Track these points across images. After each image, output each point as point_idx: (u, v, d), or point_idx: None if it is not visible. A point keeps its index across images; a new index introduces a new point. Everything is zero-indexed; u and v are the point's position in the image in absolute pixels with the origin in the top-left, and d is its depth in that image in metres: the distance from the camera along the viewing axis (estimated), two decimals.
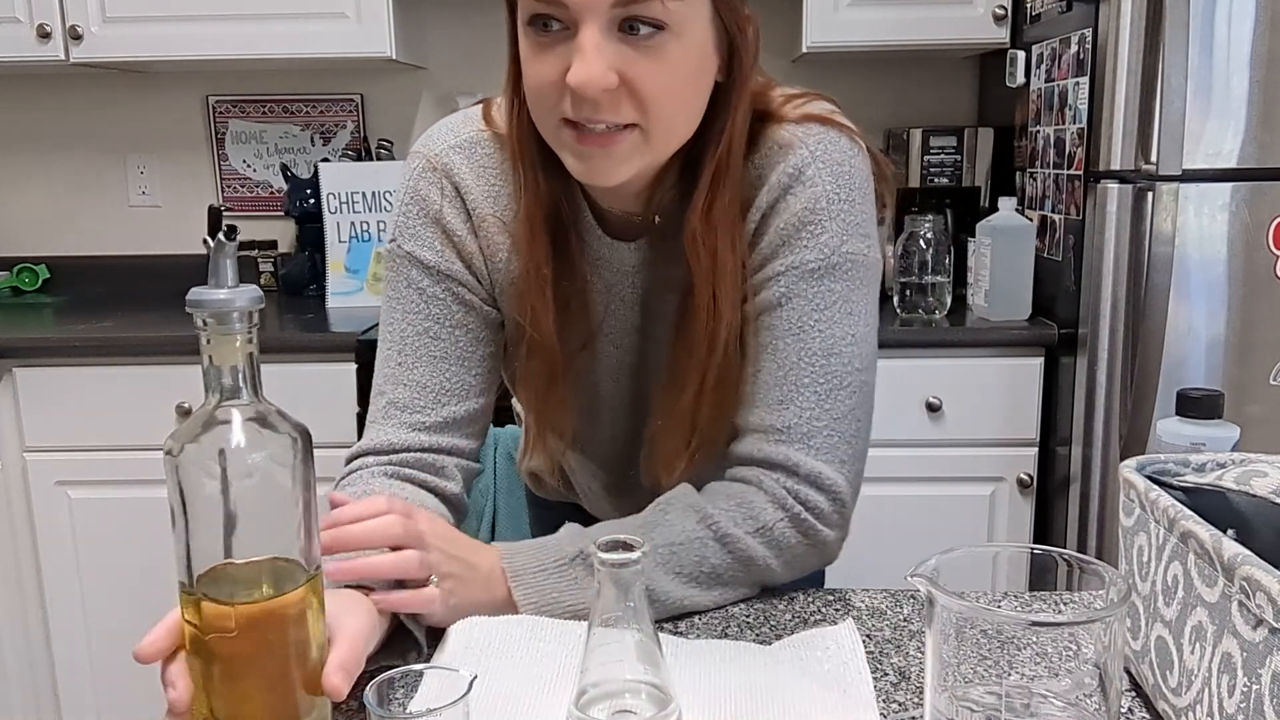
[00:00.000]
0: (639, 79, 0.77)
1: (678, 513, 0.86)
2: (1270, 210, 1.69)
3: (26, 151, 2.58)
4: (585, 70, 0.76)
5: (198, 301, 0.58)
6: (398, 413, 0.92)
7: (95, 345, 1.99)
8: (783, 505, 0.85)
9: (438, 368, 0.92)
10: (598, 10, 0.75)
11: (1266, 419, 1.73)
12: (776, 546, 0.85)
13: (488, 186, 0.92)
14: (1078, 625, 0.53)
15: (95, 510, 2.05)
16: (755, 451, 0.87)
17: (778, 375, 0.87)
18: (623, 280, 0.95)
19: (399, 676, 0.59)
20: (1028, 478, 1.98)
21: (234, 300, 0.58)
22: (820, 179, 0.87)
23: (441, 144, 0.93)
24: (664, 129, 0.82)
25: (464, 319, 0.93)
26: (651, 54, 0.77)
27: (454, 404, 0.93)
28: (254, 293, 0.59)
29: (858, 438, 0.88)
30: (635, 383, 1.00)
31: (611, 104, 0.78)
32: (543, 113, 0.82)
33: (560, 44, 0.78)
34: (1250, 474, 0.64)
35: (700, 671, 0.73)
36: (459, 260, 0.93)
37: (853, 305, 0.88)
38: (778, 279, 0.88)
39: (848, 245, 0.87)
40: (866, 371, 0.89)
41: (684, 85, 0.81)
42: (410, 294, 0.92)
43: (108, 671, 2.11)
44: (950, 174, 2.34)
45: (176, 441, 0.59)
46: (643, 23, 0.76)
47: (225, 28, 2.14)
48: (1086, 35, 1.80)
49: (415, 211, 0.92)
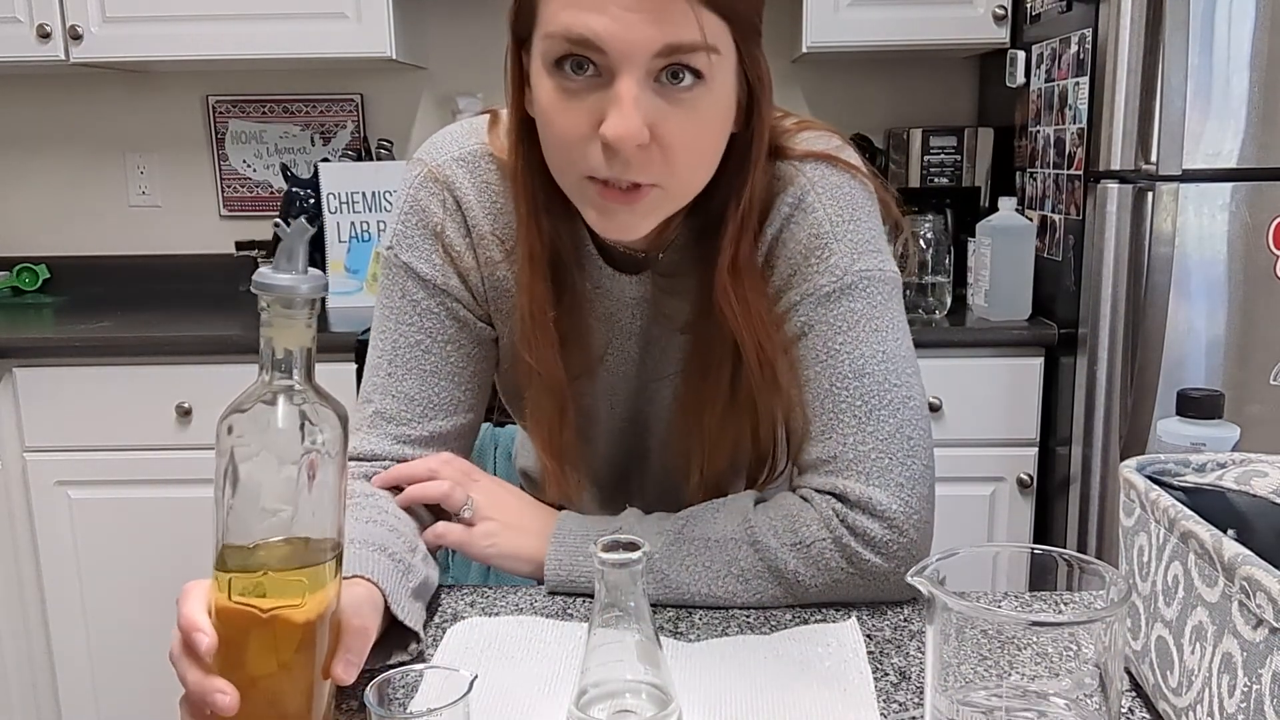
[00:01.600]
0: (670, 135, 0.74)
1: (728, 513, 0.86)
2: (1270, 210, 1.69)
3: (26, 151, 2.58)
4: (624, 124, 0.72)
5: (265, 285, 0.59)
6: (384, 423, 0.91)
7: (95, 345, 1.99)
8: (828, 526, 0.83)
9: (427, 381, 0.91)
10: (640, 59, 0.71)
11: (1266, 419, 1.73)
12: (814, 565, 0.83)
13: (489, 204, 0.91)
14: (1078, 625, 0.53)
15: (95, 510, 2.05)
16: (808, 485, 0.86)
17: (815, 407, 0.86)
18: (623, 311, 0.93)
19: (399, 676, 0.59)
20: (1028, 478, 1.98)
21: (300, 286, 0.59)
22: (820, 204, 0.86)
23: (445, 155, 0.91)
24: (685, 185, 0.80)
25: (456, 335, 0.92)
26: (685, 106, 0.74)
27: (441, 419, 0.92)
28: (320, 279, 0.60)
29: (912, 458, 0.84)
30: (632, 407, 0.99)
31: (641, 161, 0.75)
32: (566, 165, 0.78)
33: (591, 92, 0.73)
34: (1250, 474, 0.64)
35: (700, 671, 0.73)
36: (455, 276, 0.91)
37: (877, 322, 0.86)
38: (795, 309, 0.87)
39: (860, 263, 0.86)
40: (906, 387, 0.85)
41: (710, 140, 0.79)
42: (404, 305, 0.91)
43: (108, 671, 2.11)
44: (950, 174, 2.34)
45: (229, 414, 0.60)
46: (687, 70, 0.73)
47: (225, 28, 2.14)
48: (1086, 35, 1.80)
49: (415, 222, 0.91)
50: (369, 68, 2.47)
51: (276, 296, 0.59)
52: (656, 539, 0.85)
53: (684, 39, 0.72)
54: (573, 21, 0.71)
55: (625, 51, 0.71)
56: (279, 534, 0.60)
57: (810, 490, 0.86)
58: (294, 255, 0.59)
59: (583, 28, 0.71)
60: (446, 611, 0.84)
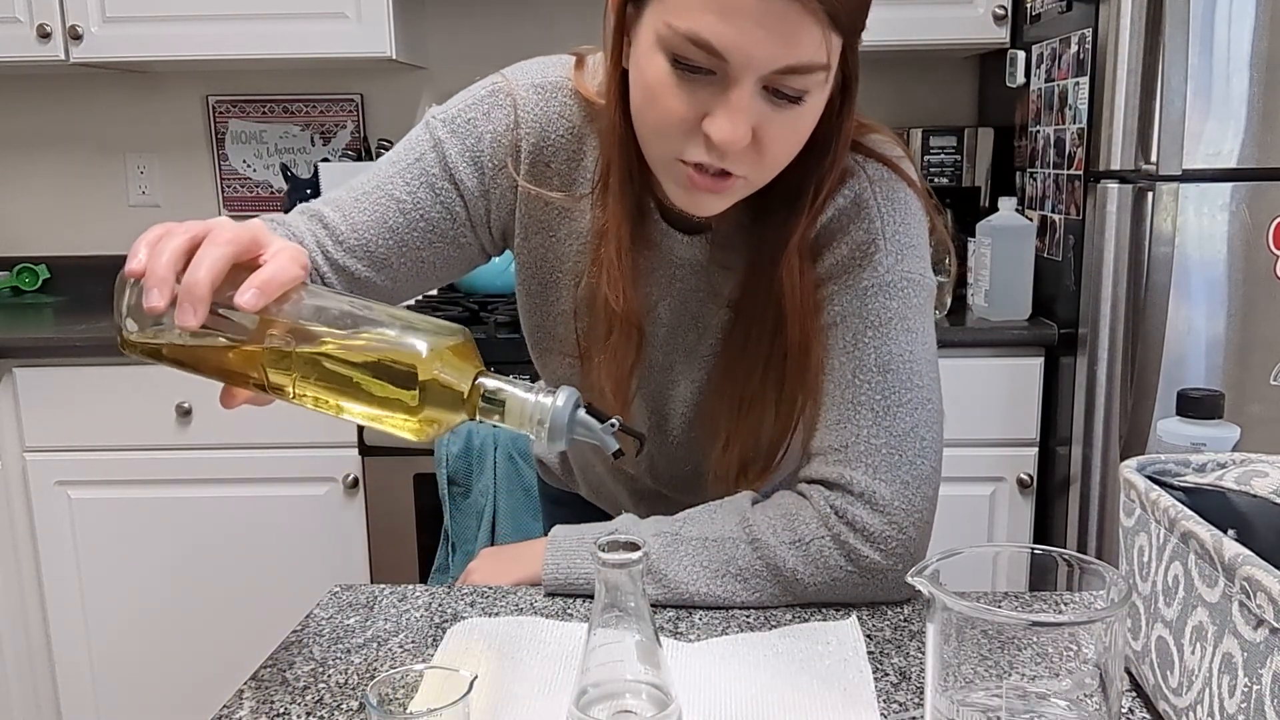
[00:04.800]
0: (771, 139, 0.75)
1: (725, 512, 0.87)
2: (1270, 210, 1.69)
3: (26, 151, 2.58)
4: (733, 131, 0.73)
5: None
6: (318, 226, 0.91)
7: (95, 345, 1.99)
8: (826, 523, 0.83)
9: (380, 231, 0.91)
10: (760, 71, 0.72)
11: (1266, 419, 1.73)
12: (813, 563, 0.83)
13: (554, 136, 0.91)
14: (1078, 625, 0.53)
15: (95, 510, 2.05)
16: (814, 473, 0.86)
17: (834, 395, 0.86)
18: (665, 267, 0.93)
19: (399, 676, 0.59)
20: (1028, 478, 1.98)
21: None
22: (876, 204, 0.87)
23: (526, 79, 0.92)
24: (769, 175, 0.81)
25: (438, 223, 0.92)
26: (789, 113, 0.75)
27: (364, 266, 0.91)
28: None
29: (922, 458, 0.84)
30: (658, 382, 0.98)
31: (737, 157, 0.76)
32: (659, 142, 0.79)
33: (703, 86, 0.74)
34: (1250, 474, 0.63)
35: (700, 671, 0.73)
36: (476, 180, 0.92)
37: (909, 323, 0.86)
38: (832, 300, 0.87)
39: (903, 265, 0.87)
40: (927, 389, 0.86)
41: (803, 138, 0.79)
42: (414, 167, 0.91)
43: (108, 671, 2.11)
44: (950, 174, 2.34)
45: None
46: (800, 83, 0.73)
47: (225, 28, 2.14)
48: (1086, 35, 1.80)
49: (470, 117, 0.92)
50: (369, 68, 2.47)
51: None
52: (654, 540, 0.85)
53: (807, 60, 0.72)
54: (702, 27, 0.71)
55: (747, 65, 0.71)
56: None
57: (810, 484, 0.86)
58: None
59: (711, 34, 0.71)
60: (446, 611, 0.84)
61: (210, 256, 0.64)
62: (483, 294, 2.23)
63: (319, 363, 0.64)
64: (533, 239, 0.95)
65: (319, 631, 0.81)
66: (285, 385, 0.65)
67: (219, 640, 2.08)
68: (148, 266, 0.64)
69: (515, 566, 0.91)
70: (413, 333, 0.64)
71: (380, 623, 0.82)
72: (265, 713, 0.70)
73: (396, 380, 0.63)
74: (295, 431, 1.99)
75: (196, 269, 0.64)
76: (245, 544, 2.05)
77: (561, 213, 0.93)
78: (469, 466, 1.81)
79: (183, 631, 2.09)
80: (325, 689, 0.72)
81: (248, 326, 0.65)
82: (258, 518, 2.04)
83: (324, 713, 0.69)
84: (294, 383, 0.65)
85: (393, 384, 0.63)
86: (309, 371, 0.64)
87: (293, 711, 0.70)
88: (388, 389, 0.63)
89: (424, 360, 0.63)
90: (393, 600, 0.87)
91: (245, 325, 0.65)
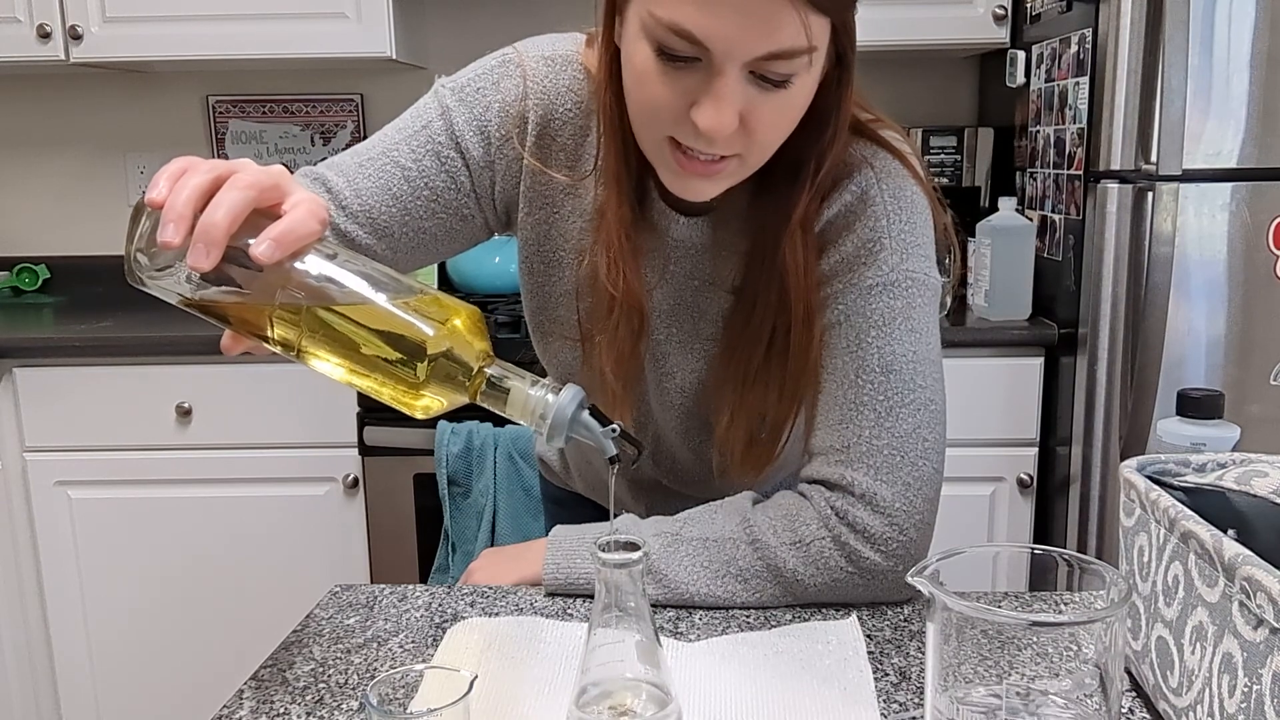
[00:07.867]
0: (759, 122, 0.75)
1: (726, 513, 0.86)
2: (1270, 210, 1.69)
3: (26, 151, 2.58)
4: (718, 118, 0.73)
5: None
6: (321, 190, 0.90)
7: (95, 345, 1.99)
8: (826, 524, 0.83)
9: (383, 198, 0.90)
10: (743, 60, 0.72)
11: (1266, 419, 1.73)
12: (814, 564, 0.83)
13: (562, 109, 0.91)
14: (1078, 625, 0.53)
15: (95, 510, 2.05)
16: (815, 474, 0.86)
17: (836, 395, 0.85)
18: (663, 249, 0.92)
19: (399, 676, 0.59)
20: (1028, 478, 1.98)
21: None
22: (883, 200, 0.86)
23: (537, 50, 0.92)
24: (763, 156, 0.80)
25: (442, 191, 0.91)
26: (777, 96, 0.75)
27: (365, 232, 0.91)
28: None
29: (924, 460, 0.84)
30: (659, 362, 0.97)
31: (728, 141, 0.76)
32: (649, 126, 0.79)
33: (689, 75, 0.73)
34: (1250, 474, 0.63)
35: (700, 671, 0.73)
36: (482, 150, 0.91)
37: (914, 323, 0.86)
38: (836, 298, 0.86)
39: (908, 263, 0.86)
40: (931, 390, 0.85)
41: (795, 117, 0.79)
42: (420, 134, 0.91)
43: (108, 671, 2.11)
44: (950, 174, 2.34)
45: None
46: (785, 67, 0.73)
47: (225, 28, 2.14)
48: (1086, 35, 1.80)
49: (479, 86, 0.91)
50: (369, 68, 2.47)
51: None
52: (655, 540, 0.85)
53: (789, 45, 0.72)
54: (682, 17, 0.71)
55: (730, 53, 0.71)
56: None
57: (811, 485, 0.86)
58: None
59: (691, 24, 0.71)
60: (446, 611, 0.84)
61: (230, 199, 0.63)
62: (483, 294, 2.23)
63: (329, 323, 0.63)
64: (536, 214, 0.94)
65: (319, 631, 0.81)
66: (291, 340, 0.65)
67: (219, 640, 2.08)
68: (168, 200, 0.63)
69: (516, 566, 0.91)
70: (428, 304, 0.64)
71: (380, 623, 0.82)
72: (265, 713, 0.70)
73: (406, 351, 0.62)
74: (295, 432, 1.99)
75: (215, 210, 0.63)
76: (245, 544, 2.05)
77: (566, 189, 0.93)
78: (469, 466, 1.81)
79: (183, 631, 2.09)
80: (325, 689, 0.72)
81: (259, 275, 0.65)
82: (258, 518, 2.04)
83: (324, 713, 0.69)
84: (300, 340, 0.64)
85: (401, 354, 0.62)
86: (317, 329, 0.64)
87: (293, 711, 0.70)
88: (395, 358, 0.62)
89: (436, 335, 0.63)
90: (393, 600, 0.87)
91: (257, 274, 0.65)
